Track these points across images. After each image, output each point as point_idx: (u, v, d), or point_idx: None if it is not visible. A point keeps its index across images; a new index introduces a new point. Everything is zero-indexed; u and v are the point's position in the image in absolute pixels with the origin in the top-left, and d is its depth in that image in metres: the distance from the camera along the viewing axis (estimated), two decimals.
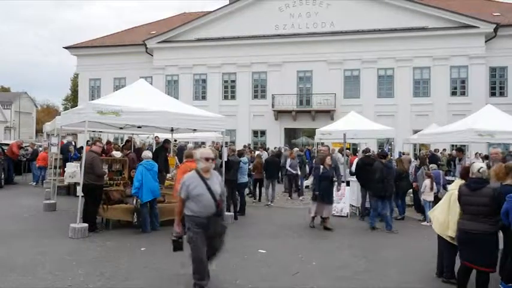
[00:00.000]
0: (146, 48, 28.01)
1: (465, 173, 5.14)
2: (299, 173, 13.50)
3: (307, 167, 14.36)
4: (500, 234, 4.81)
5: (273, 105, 26.11)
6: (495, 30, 23.36)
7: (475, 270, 4.65)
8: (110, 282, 5.17)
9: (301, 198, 13.12)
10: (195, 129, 10.14)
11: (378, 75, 25.27)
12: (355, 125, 14.42)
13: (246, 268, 5.86)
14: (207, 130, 10.93)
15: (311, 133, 23.70)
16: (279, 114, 26.22)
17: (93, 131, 13.26)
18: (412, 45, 24.07)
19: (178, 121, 8.71)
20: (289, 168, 13.32)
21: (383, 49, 24.43)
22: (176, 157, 13.11)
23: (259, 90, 27.06)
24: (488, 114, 11.02)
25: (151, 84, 18.66)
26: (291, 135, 27.79)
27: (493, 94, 23.96)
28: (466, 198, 4.70)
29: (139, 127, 10.25)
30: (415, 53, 24.16)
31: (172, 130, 11.37)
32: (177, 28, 27.72)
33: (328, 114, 24.80)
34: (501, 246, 4.89)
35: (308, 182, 13.69)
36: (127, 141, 12.76)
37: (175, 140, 14.38)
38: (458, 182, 5.15)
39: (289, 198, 13.24)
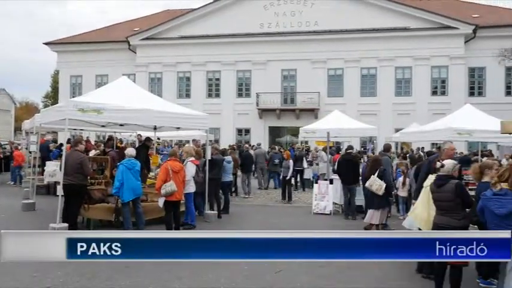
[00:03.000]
0: (129, 45, 27.64)
1: (435, 168, 5.32)
2: (289, 176, 12.63)
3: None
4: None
5: (257, 104, 26.12)
6: (474, 31, 23.91)
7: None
8: (91, 283, 5.09)
9: (288, 201, 12.30)
10: (178, 128, 10.07)
11: (361, 75, 25.56)
12: (339, 124, 14.55)
13: (230, 266, 5.85)
14: (190, 128, 10.86)
15: (295, 131, 23.76)
16: (263, 112, 26.25)
17: (73, 129, 13.03)
18: (394, 45, 24.43)
19: (161, 119, 8.64)
20: (290, 169, 12.44)
21: (366, 49, 24.70)
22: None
23: (243, 88, 27.04)
24: (467, 113, 11.28)
25: (134, 81, 18.43)
26: (275, 133, 27.86)
27: (471, 94, 24.52)
28: (434, 194, 4.89)
29: (121, 125, 10.12)
30: (397, 52, 24.53)
31: (155, 128, 11.27)
32: (160, 25, 27.43)
33: (312, 112, 24.97)
34: None
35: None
36: (108, 139, 12.56)
37: (158, 139, 14.27)
38: (431, 178, 5.26)
39: (283, 201, 12.42)
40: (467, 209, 4.76)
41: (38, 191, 11.00)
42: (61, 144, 16.15)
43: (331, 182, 10.73)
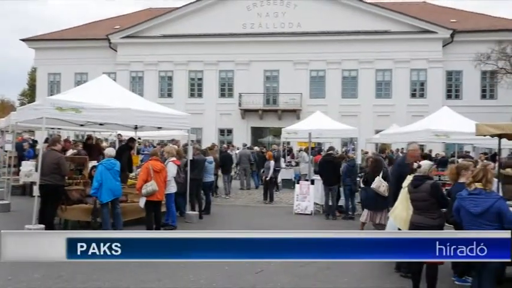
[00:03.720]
0: (110, 43, 27.18)
1: (412, 169, 5.46)
2: (268, 176, 12.54)
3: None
4: None
5: (239, 104, 26.11)
6: (452, 35, 24.54)
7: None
8: (69, 285, 4.99)
9: (269, 201, 12.27)
10: (159, 127, 9.97)
11: (343, 76, 25.87)
12: (320, 125, 14.73)
13: (210, 267, 5.81)
14: (171, 128, 10.76)
15: (277, 132, 23.88)
16: (246, 113, 26.25)
17: (51, 128, 12.72)
18: (375, 48, 24.83)
19: (142, 119, 8.53)
20: (270, 169, 12.39)
21: (347, 51, 25.02)
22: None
23: (226, 88, 26.98)
24: (444, 115, 11.58)
25: (114, 80, 18.13)
26: (257, 134, 27.90)
27: (449, 97, 25.15)
28: (411, 194, 5.02)
29: (101, 124, 9.95)
30: (377, 55, 24.93)
31: (136, 128, 11.13)
32: (142, 23, 27.09)
33: (295, 113, 25.12)
34: None
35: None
36: (87, 138, 12.33)
37: (139, 138, 14.09)
38: (409, 179, 5.37)
39: (265, 201, 12.32)
40: (442, 209, 4.88)
41: (14, 191, 10.70)
42: (35, 142, 15.76)
43: (312, 182, 10.82)
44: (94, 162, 9.06)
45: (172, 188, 8.18)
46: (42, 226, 7.14)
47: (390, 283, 5.38)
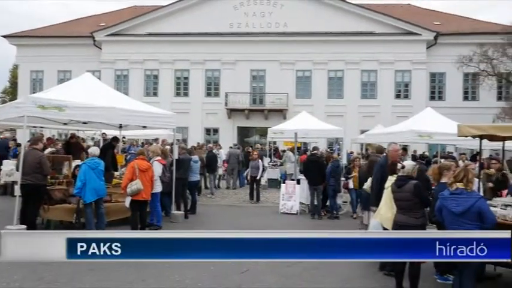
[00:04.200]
0: (94, 40, 26.76)
1: (392, 169, 5.52)
2: (258, 176, 12.57)
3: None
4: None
5: (226, 104, 26.04)
6: (435, 38, 24.96)
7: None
8: (51, 286, 4.90)
9: (256, 201, 12.20)
10: (144, 126, 9.87)
11: (329, 77, 26.05)
12: (306, 125, 14.82)
13: (196, 267, 5.79)
14: (157, 127, 10.67)
15: (264, 132, 23.93)
16: (232, 112, 26.20)
17: (33, 127, 12.49)
18: (361, 49, 25.07)
19: (126, 117, 8.44)
20: (260, 168, 12.46)
21: (333, 51, 25.20)
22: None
23: (212, 88, 26.87)
24: (427, 116, 11.79)
25: (99, 78, 17.87)
26: (243, 133, 27.88)
27: (432, 98, 25.57)
28: (395, 194, 5.10)
29: (84, 123, 9.80)
30: (363, 56, 25.18)
31: (120, 127, 10.99)
32: (127, 21, 26.74)
33: (281, 113, 25.18)
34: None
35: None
36: (70, 137, 12.13)
37: (124, 137, 13.93)
38: (392, 179, 5.44)
39: (251, 201, 12.30)
40: (425, 208, 4.97)
41: None
42: (18, 144, 15.42)
43: (298, 182, 10.87)
44: (78, 162, 8.92)
45: (158, 188, 8.13)
46: (24, 226, 6.99)
47: (375, 282, 5.44)
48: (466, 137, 5.76)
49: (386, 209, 5.48)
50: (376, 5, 27.24)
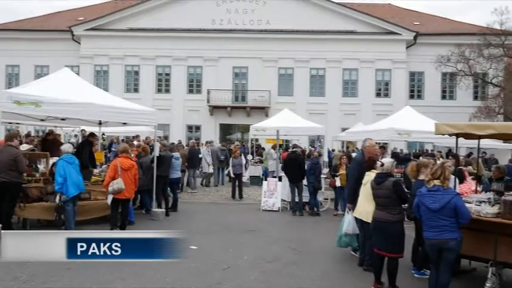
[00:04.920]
0: (73, 35, 26.16)
1: (370, 165, 5.61)
2: (243, 173, 12.69)
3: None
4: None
5: (208, 101, 25.90)
6: (415, 37, 25.43)
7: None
8: (27, 286, 4.78)
9: (238, 200, 12.09)
10: (124, 123, 9.72)
11: (310, 75, 26.23)
12: (288, 122, 14.89)
13: (176, 265, 5.73)
14: (137, 124, 10.54)
15: (246, 129, 23.94)
16: (214, 109, 26.09)
17: (9, 123, 12.13)
18: (342, 48, 25.31)
19: (106, 114, 8.30)
20: (243, 166, 12.51)
21: (315, 49, 25.37)
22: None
23: (194, 84, 26.68)
24: (406, 115, 12.03)
25: (78, 74, 17.51)
26: (226, 130, 27.81)
27: (411, 97, 26.07)
28: (374, 191, 5.19)
29: (62, 119, 9.59)
30: (344, 55, 25.45)
31: (100, 123, 10.80)
32: (107, 16, 26.25)
33: (263, 110, 25.23)
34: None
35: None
36: (47, 134, 11.83)
37: (103, 134, 13.69)
38: (370, 175, 5.53)
39: (233, 198, 12.19)
40: (403, 205, 5.07)
41: None
42: None
43: (280, 179, 10.92)
44: (56, 159, 8.71)
45: None
46: None
47: (353, 276, 5.52)
48: (443, 135, 5.89)
49: (366, 203, 5.56)
50: (357, 4, 27.54)
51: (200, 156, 14.70)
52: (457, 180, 6.16)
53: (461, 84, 24.15)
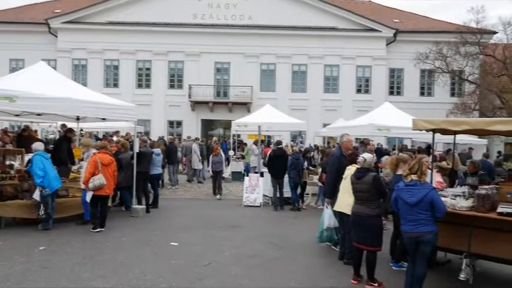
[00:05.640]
0: (49, 28, 25.44)
1: (352, 159, 5.75)
2: (224, 169, 12.54)
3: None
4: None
5: (189, 96, 25.67)
6: (395, 35, 25.82)
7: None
8: (1, 286, 4.65)
9: (218, 196, 11.85)
10: (103, 118, 9.54)
11: (292, 71, 26.31)
12: (270, 118, 14.92)
13: (156, 261, 5.72)
14: (117, 120, 10.32)
15: (228, 125, 23.87)
16: (196, 105, 25.90)
17: None
18: (324, 44, 25.48)
19: (83, 109, 8.11)
20: (223, 163, 12.34)
21: (297, 45, 25.45)
22: None
23: (175, 79, 26.39)
24: (386, 111, 12.21)
25: (55, 68, 17.08)
26: (208, 126, 27.66)
27: (391, 93, 26.48)
28: (354, 185, 5.26)
29: (38, 115, 9.33)
30: (326, 51, 25.62)
31: (78, 119, 10.57)
32: (85, 8, 25.60)
33: (245, 106, 25.19)
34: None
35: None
36: (23, 129, 11.51)
37: (82, 130, 13.39)
38: (351, 169, 5.60)
39: (214, 195, 12.01)
40: (382, 199, 5.16)
41: None
42: None
43: (261, 175, 10.95)
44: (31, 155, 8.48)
45: None
46: None
47: (335, 270, 5.59)
48: (421, 130, 6.00)
49: (347, 195, 5.62)
50: (339, 1, 27.72)
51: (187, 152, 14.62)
52: (433, 174, 6.30)
53: (439, 81, 24.70)
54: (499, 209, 4.83)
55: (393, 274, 5.44)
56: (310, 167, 11.28)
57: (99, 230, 7.24)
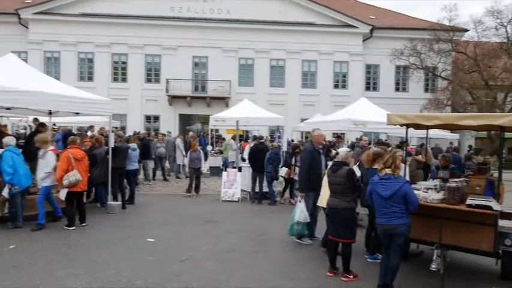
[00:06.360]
0: (20, 18, 24.53)
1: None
2: (202, 167, 11.93)
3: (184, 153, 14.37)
4: None
5: (167, 90, 25.34)
6: (371, 31, 26.20)
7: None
8: None
9: (195, 196, 11.19)
10: (77, 113, 9.29)
11: (271, 65, 26.34)
12: (248, 113, 14.90)
13: (132, 258, 5.65)
14: (91, 114, 10.07)
15: (206, 119, 23.71)
16: (174, 99, 25.59)
17: None
18: (301, 39, 25.60)
19: (56, 103, 7.86)
20: (202, 160, 11.70)
21: (275, 40, 25.47)
22: None
23: (152, 73, 25.97)
24: (362, 106, 12.39)
25: (26, 60, 16.51)
26: (185, 121, 27.40)
27: (368, 88, 26.92)
28: (329, 178, 5.34)
29: (8, 109, 8.98)
30: (303, 46, 25.75)
31: (50, 113, 10.25)
32: None
33: (223, 101, 25.07)
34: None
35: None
36: None
37: (54, 125, 13.00)
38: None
39: (188, 194, 11.26)
40: (355, 193, 5.25)
41: None
42: None
43: (239, 169, 10.95)
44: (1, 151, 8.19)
45: (48, 181, 7.17)
46: None
47: (311, 263, 5.65)
48: (395, 125, 6.12)
49: (326, 190, 5.70)
50: None
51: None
52: (407, 168, 6.45)
53: (413, 77, 25.25)
54: (468, 201, 5.00)
55: (368, 266, 5.56)
56: (297, 164, 11.15)
57: (74, 227, 7.09)
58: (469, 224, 5.01)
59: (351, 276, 5.04)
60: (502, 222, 4.98)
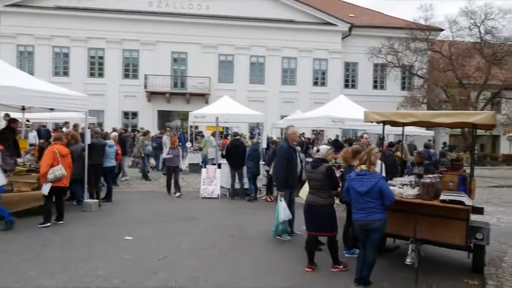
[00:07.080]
0: None
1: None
2: (181, 165, 11.59)
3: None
4: None
5: (145, 86, 24.99)
6: (350, 29, 26.51)
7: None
8: None
9: (178, 194, 10.61)
10: (51, 109, 9.04)
11: (251, 62, 26.33)
12: (228, 109, 14.83)
13: (109, 257, 5.56)
14: (67, 110, 9.83)
15: (186, 116, 23.48)
16: (152, 95, 25.26)
17: None
18: (281, 36, 25.68)
19: (30, 98, 7.63)
20: (180, 157, 11.24)
21: (255, 37, 25.46)
22: None
23: (130, 69, 25.54)
24: (341, 103, 12.54)
25: None
26: (164, 117, 27.09)
27: (346, 86, 27.28)
28: (308, 174, 5.41)
29: None
30: (283, 43, 25.84)
31: (23, 109, 9.96)
32: None
33: (203, 97, 24.91)
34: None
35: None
36: None
37: (28, 120, 12.65)
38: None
39: (168, 194, 10.87)
40: (334, 190, 5.32)
41: None
42: None
43: (219, 166, 10.91)
44: None
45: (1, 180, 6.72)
46: None
47: (289, 259, 5.70)
48: (372, 122, 6.22)
49: (307, 185, 5.76)
50: None
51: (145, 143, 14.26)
52: (383, 165, 6.57)
53: (390, 75, 25.76)
54: (442, 197, 5.13)
55: (346, 260, 5.64)
56: None
57: (49, 224, 6.96)
58: (442, 219, 5.14)
59: (341, 267, 5.18)
60: (473, 217, 5.14)
